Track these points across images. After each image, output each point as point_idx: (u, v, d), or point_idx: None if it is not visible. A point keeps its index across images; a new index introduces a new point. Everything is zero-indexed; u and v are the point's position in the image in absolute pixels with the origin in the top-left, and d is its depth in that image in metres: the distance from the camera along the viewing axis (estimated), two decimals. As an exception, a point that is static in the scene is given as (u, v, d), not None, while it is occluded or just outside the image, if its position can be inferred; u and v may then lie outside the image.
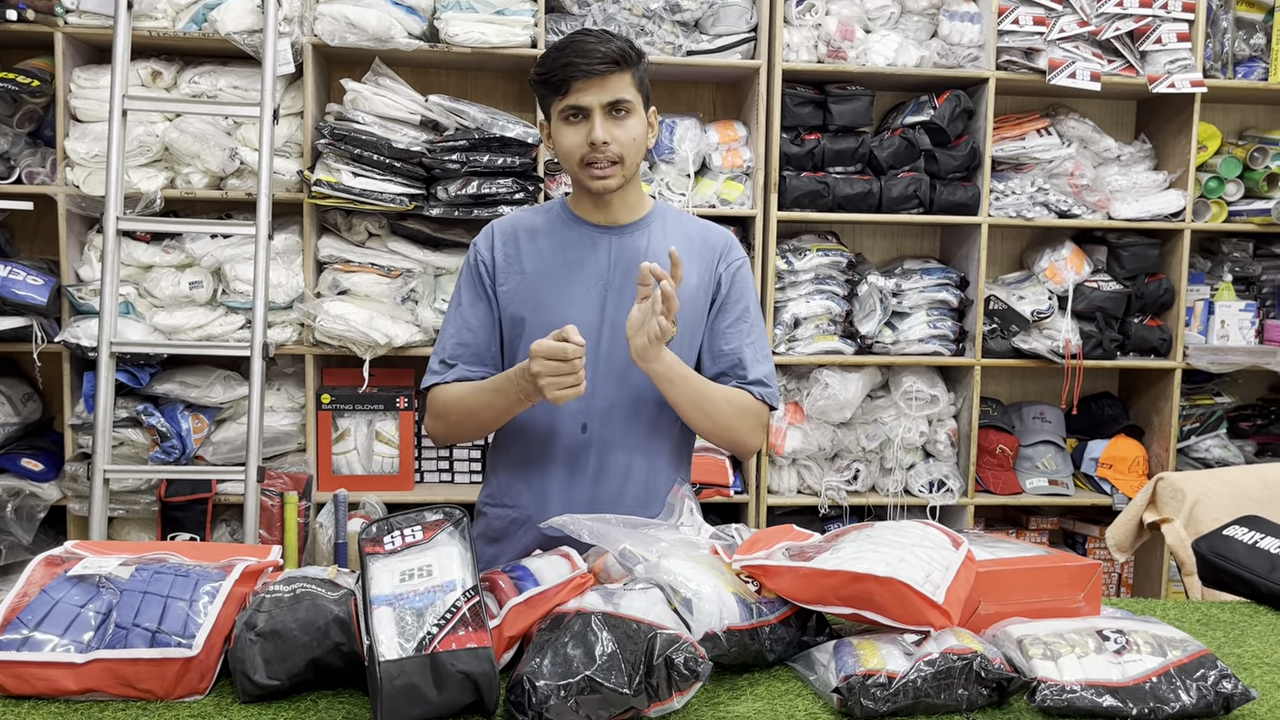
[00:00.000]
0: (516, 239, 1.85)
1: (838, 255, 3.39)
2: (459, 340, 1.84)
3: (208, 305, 3.09)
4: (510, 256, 1.84)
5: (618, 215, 1.84)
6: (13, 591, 1.32)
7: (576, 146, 1.73)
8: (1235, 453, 3.66)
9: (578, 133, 1.73)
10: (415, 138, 3.05)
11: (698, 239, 1.87)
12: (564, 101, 1.72)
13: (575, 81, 1.70)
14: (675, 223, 1.89)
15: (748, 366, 1.84)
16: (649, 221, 1.86)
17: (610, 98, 1.71)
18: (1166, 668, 1.29)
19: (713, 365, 1.86)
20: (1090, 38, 3.41)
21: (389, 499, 3.17)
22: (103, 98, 2.97)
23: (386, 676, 1.16)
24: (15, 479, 3.01)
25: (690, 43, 3.26)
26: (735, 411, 1.81)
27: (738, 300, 1.87)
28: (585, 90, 1.70)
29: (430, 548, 1.32)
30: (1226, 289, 3.63)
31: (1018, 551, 1.59)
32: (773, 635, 1.38)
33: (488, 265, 1.85)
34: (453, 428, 1.85)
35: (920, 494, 3.43)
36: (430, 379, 1.85)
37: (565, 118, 1.74)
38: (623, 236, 1.83)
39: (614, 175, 1.75)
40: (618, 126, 1.73)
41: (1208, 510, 2.36)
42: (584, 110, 1.72)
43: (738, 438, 1.84)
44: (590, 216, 1.85)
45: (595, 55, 1.69)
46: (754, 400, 1.83)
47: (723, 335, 1.86)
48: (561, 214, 1.87)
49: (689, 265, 1.83)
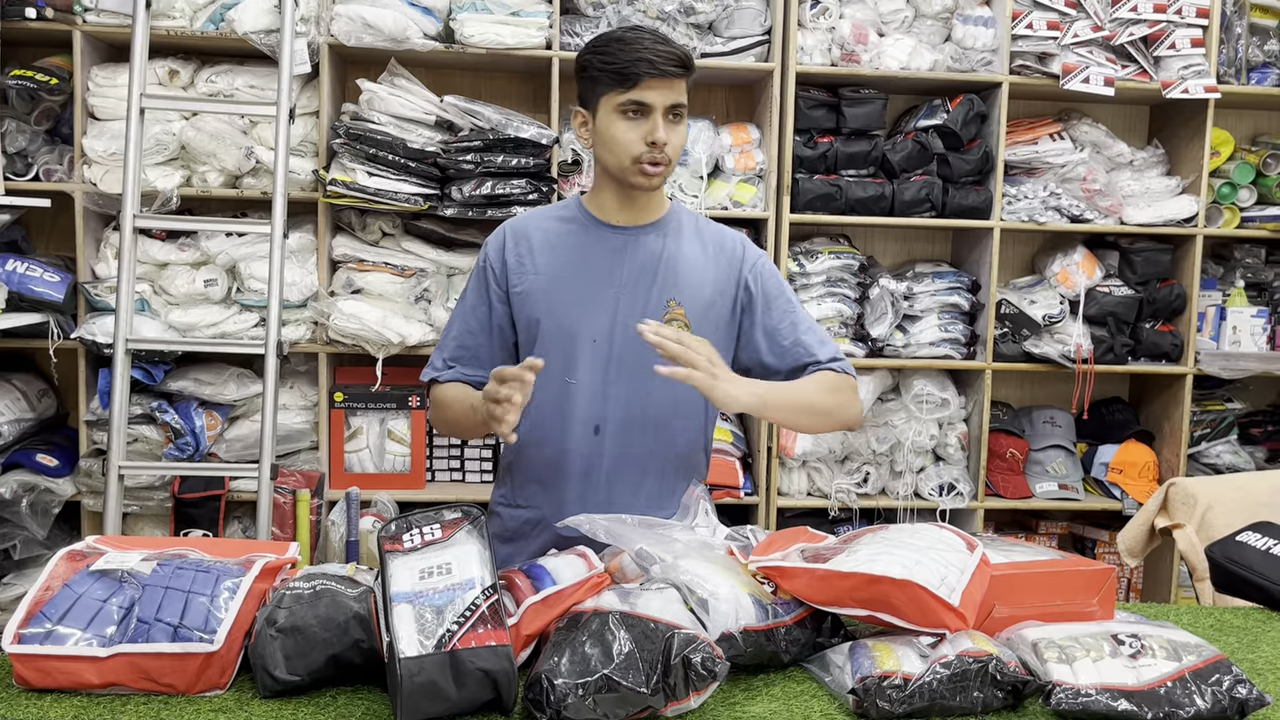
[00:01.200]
0: (530, 240, 1.85)
1: (850, 258, 3.39)
2: (460, 342, 1.87)
3: (222, 303, 3.10)
4: (523, 258, 1.84)
5: (638, 215, 1.84)
6: (36, 585, 1.33)
7: (634, 142, 1.73)
8: (1246, 459, 3.66)
9: (636, 129, 1.73)
10: (430, 138, 3.06)
11: (712, 244, 1.88)
12: (628, 95, 1.71)
13: (647, 78, 1.69)
14: (690, 226, 1.89)
15: (815, 350, 1.86)
16: (666, 223, 1.86)
17: (674, 100, 1.73)
18: (1182, 672, 1.29)
19: (781, 360, 1.87)
20: (1104, 43, 3.41)
21: (401, 497, 3.18)
22: (120, 96, 2.99)
23: (406, 673, 1.17)
24: (30, 474, 3.03)
25: (704, 45, 3.27)
26: (832, 396, 1.83)
27: (777, 294, 1.88)
28: (654, 89, 1.70)
29: (449, 546, 1.33)
30: (1239, 295, 3.63)
31: (1032, 555, 1.59)
32: (788, 636, 1.39)
33: (496, 268, 1.85)
34: (445, 424, 1.90)
35: (930, 497, 3.43)
36: (429, 373, 1.89)
37: (625, 111, 1.73)
38: (638, 238, 1.84)
39: (659, 176, 1.76)
40: (673, 130, 1.74)
41: (1220, 516, 2.36)
42: (647, 108, 1.72)
43: (843, 416, 1.87)
44: (610, 217, 1.84)
45: (667, 56, 1.70)
46: (838, 375, 1.85)
47: (779, 332, 1.87)
48: (578, 214, 1.87)
49: (704, 270, 1.84)
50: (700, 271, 1.84)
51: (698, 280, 1.83)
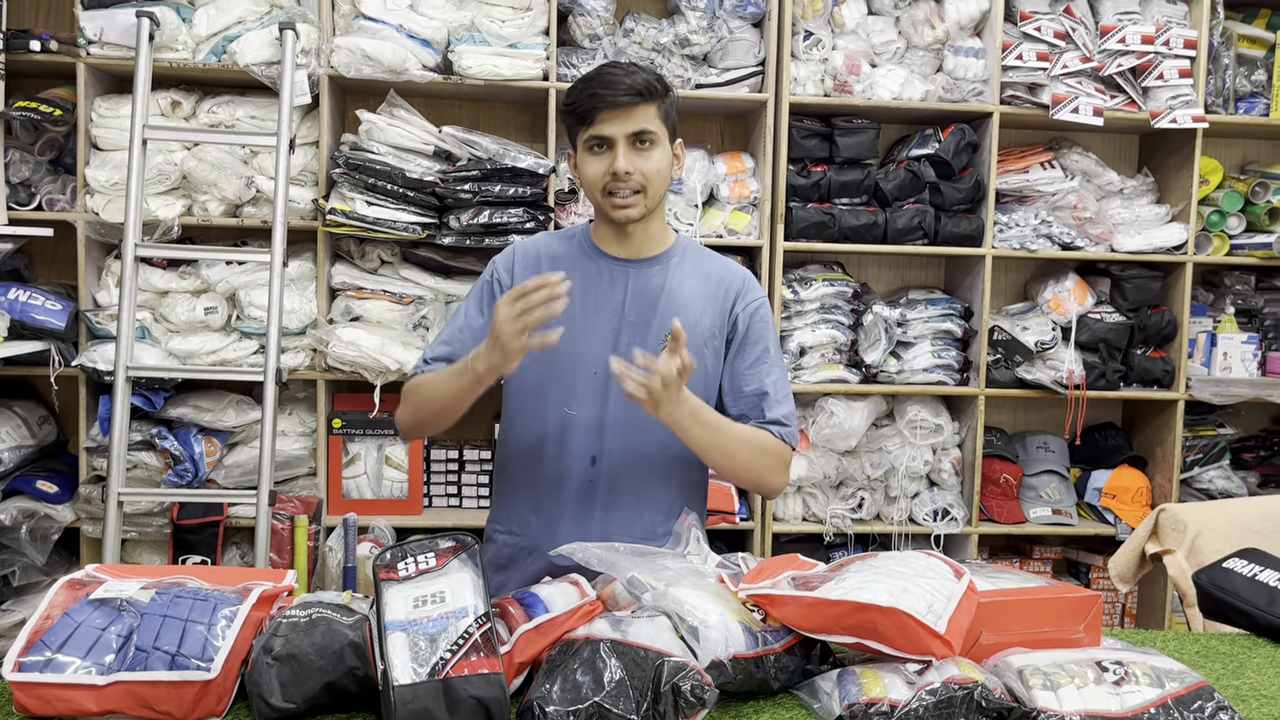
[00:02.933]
0: (539, 265, 1.85)
1: (843, 285, 3.43)
2: (450, 348, 1.84)
3: (222, 330, 3.13)
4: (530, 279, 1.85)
5: (639, 248, 1.86)
6: (36, 614, 1.35)
7: (599, 176, 1.76)
8: (1238, 484, 3.68)
9: (600, 162, 1.76)
10: (428, 168, 3.10)
11: (714, 277, 1.88)
12: (589, 131, 1.75)
13: (600, 112, 1.73)
14: (695, 260, 1.89)
15: (768, 407, 1.85)
16: (669, 257, 1.87)
17: (634, 128, 1.74)
18: (1164, 699, 1.31)
19: (734, 405, 1.87)
20: (1093, 73, 3.46)
21: (398, 523, 3.20)
22: (123, 127, 3.03)
23: (400, 701, 1.19)
24: (30, 501, 3.05)
25: (699, 76, 3.31)
26: (755, 454, 1.82)
27: (757, 341, 1.88)
28: (609, 121, 1.73)
29: (443, 574, 1.35)
30: (1229, 321, 3.66)
31: (1019, 582, 1.61)
32: (777, 663, 1.41)
33: (504, 285, 1.86)
34: (413, 412, 1.84)
35: (924, 523, 3.45)
36: (412, 373, 1.86)
37: (590, 147, 1.77)
38: (641, 271, 1.85)
39: (636, 205, 1.77)
40: (641, 157, 1.75)
41: (1209, 542, 2.38)
42: (607, 140, 1.75)
43: (760, 479, 1.86)
44: (611, 249, 1.86)
45: (620, 87, 1.72)
46: (774, 440, 1.84)
47: (743, 376, 1.87)
48: (583, 244, 1.88)
49: (704, 304, 1.85)
50: (700, 305, 1.85)
51: (697, 314, 1.84)
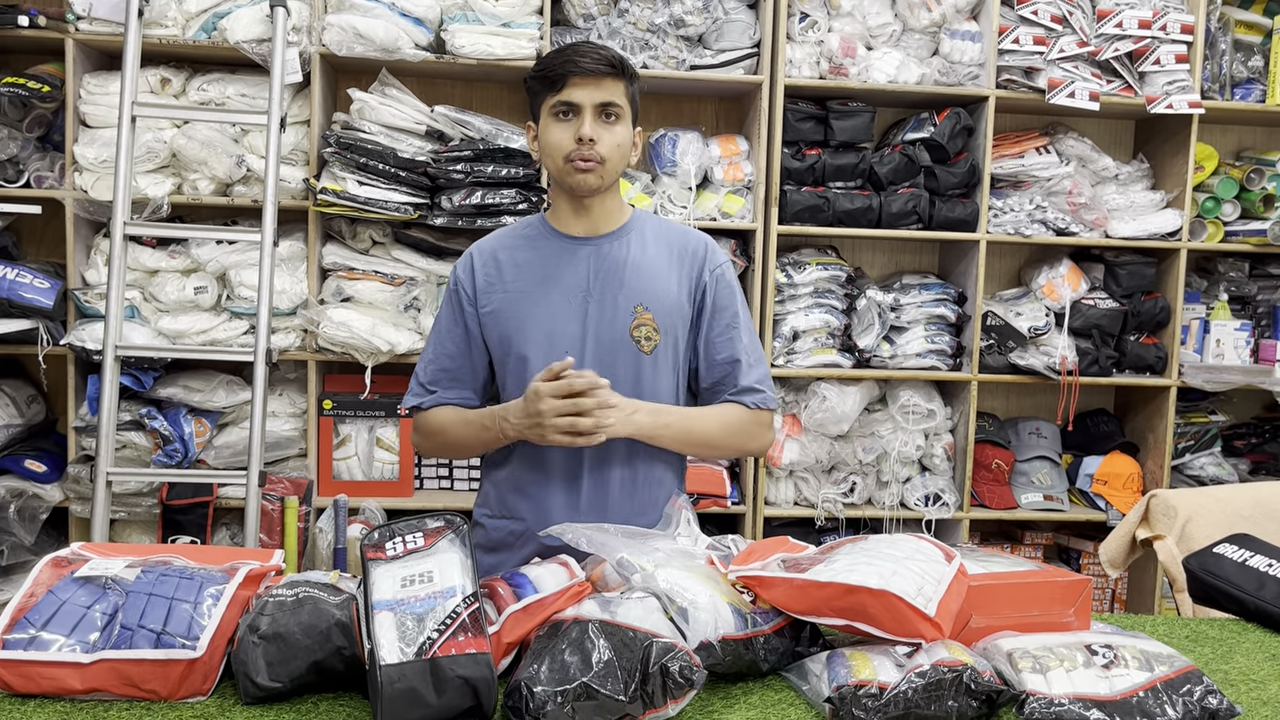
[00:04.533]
0: (496, 259, 1.88)
1: (837, 269, 3.42)
2: (438, 366, 1.90)
3: (212, 310, 3.11)
4: (491, 277, 1.87)
5: (597, 224, 1.86)
6: (20, 592, 1.35)
7: (564, 141, 1.77)
8: (1230, 471, 3.69)
9: (566, 129, 1.77)
10: (420, 147, 3.08)
11: (677, 245, 1.90)
12: (557, 97, 1.76)
13: (572, 78, 1.74)
14: (654, 230, 1.91)
15: (740, 374, 1.88)
16: (628, 230, 1.88)
17: (603, 99, 1.76)
18: (1153, 682, 1.31)
19: (708, 374, 1.89)
20: (1090, 58, 3.44)
21: (389, 505, 3.19)
22: (112, 104, 3.00)
23: (387, 680, 1.18)
24: (18, 480, 3.04)
25: (694, 57, 3.29)
26: (730, 432, 1.86)
27: (725, 306, 1.89)
28: (580, 88, 1.75)
29: (431, 554, 1.34)
30: (1222, 308, 3.66)
31: (1010, 566, 1.61)
32: (767, 645, 1.40)
33: (467, 290, 1.88)
34: (438, 449, 1.94)
35: (916, 508, 3.45)
36: (411, 399, 1.92)
37: (556, 114, 1.77)
38: (601, 246, 1.86)
39: (595, 173, 1.78)
40: (605, 129, 1.77)
41: (1200, 528, 2.38)
42: (575, 107, 1.76)
43: (744, 449, 1.93)
44: (569, 228, 1.87)
45: (593, 56, 1.75)
46: (748, 411, 1.87)
47: (714, 345, 1.88)
48: (541, 229, 1.90)
49: (669, 273, 1.86)
50: (665, 275, 1.86)
51: (663, 283, 1.85)
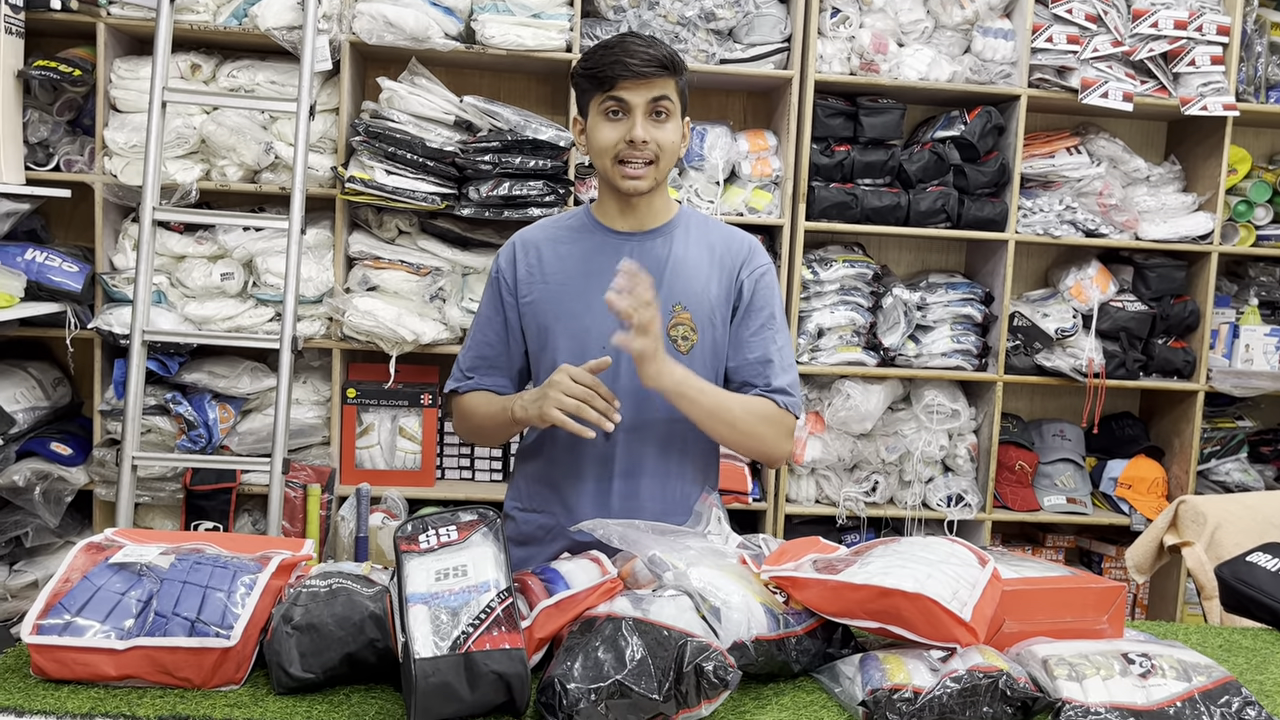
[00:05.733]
0: (539, 250, 1.87)
1: (864, 267, 3.40)
2: (478, 353, 1.92)
3: (238, 297, 3.12)
4: (533, 268, 1.86)
5: (643, 220, 1.85)
6: (55, 577, 1.35)
7: (614, 143, 1.75)
8: (1255, 477, 3.65)
9: (616, 129, 1.75)
10: (448, 138, 3.07)
11: (720, 246, 1.88)
12: (608, 94, 1.74)
13: (622, 79, 1.72)
14: (699, 229, 1.89)
15: (772, 375, 1.84)
16: (673, 228, 1.87)
17: (654, 95, 1.74)
18: (1191, 693, 1.29)
19: (738, 372, 1.86)
20: (1124, 58, 3.41)
21: (410, 494, 3.19)
22: (142, 89, 3.01)
23: (421, 674, 1.18)
24: (44, 462, 3.05)
25: (724, 51, 3.27)
26: (757, 420, 1.81)
27: (762, 307, 1.86)
28: (631, 88, 1.73)
29: (465, 548, 1.34)
30: (1252, 313, 3.62)
31: (1042, 571, 1.60)
32: (799, 646, 1.40)
33: (508, 280, 1.88)
34: (469, 433, 1.97)
35: (938, 508, 3.43)
36: (451, 383, 1.94)
37: (606, 112, 1.75)
38: (644, 243, 1.84)
39: (647, 176, 1.77)
40: (657, 128, 1.75)
41: (1229, 535, 2.36)
42: (626, 106, 1.74)
43: (763, 447, 1.85)
44: (614, 223, 1.85)
45: (644, 56, 1.72)
46: (777, 408, 1.83)
47: (747, 344, 1.86)
48: (586, 221, 1.88)
49: (710, 273, 1.85)
50: (704, 275, 1.85)
51: (702, 283, 1.84)
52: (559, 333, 1.82)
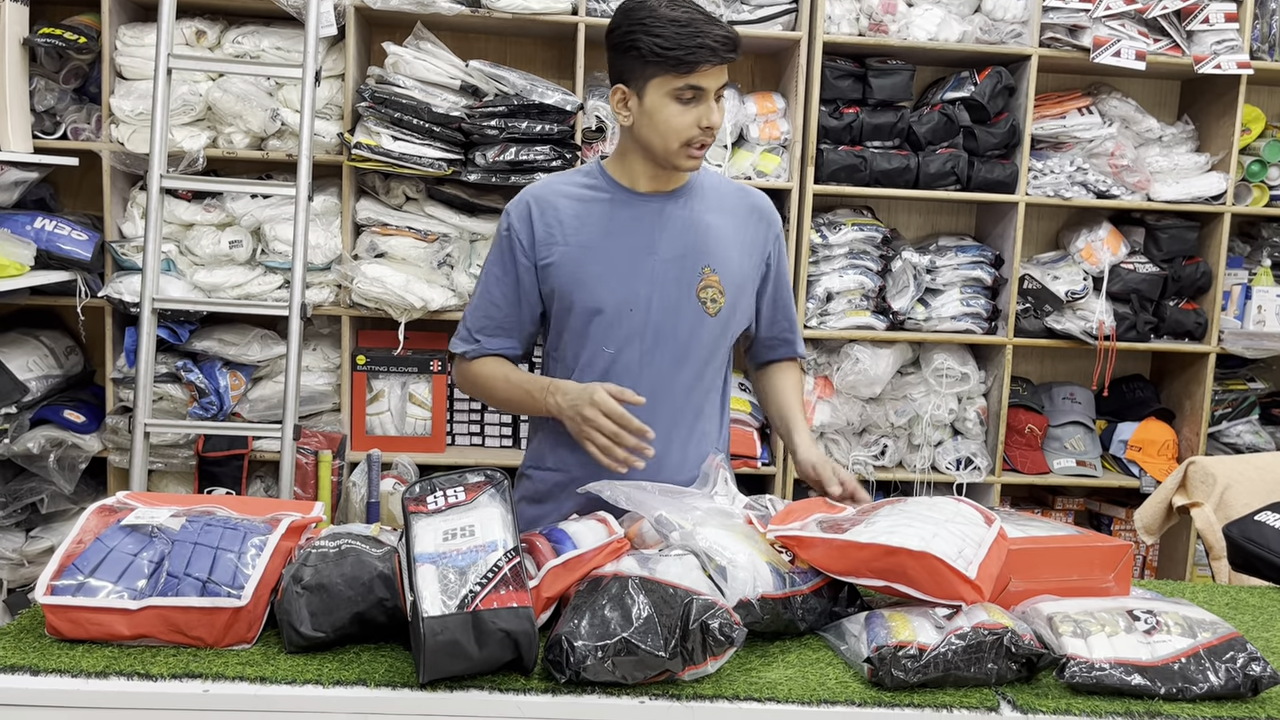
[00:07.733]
0: (556, 209, 1.82)
1: (873, 230, 3.38)
2: (485, 314, 1.87)
3: (247, 264, 3.12)
4: (551, 228, 1.81)
5: (665, 183, 1.84)
6: (68, 538, 1.36)
7: (687, 126, 1.72)
8: (1267, 439, 3.64)
9: (689, 113, 1.71)
10: (455, 103, 3.06)
11: (743, 207, 1.91)
12: (685, 80, 1.68)
13: (705, 65, 1.68)
14: (714, 189, 1.90)
15: (796, 338, 2.03)
16: (691, 188, 1.86)
17: (723, 81, 1.74)
18: (1196, 649, 1.30)
19: (767, 330, 1.99)
20: (1137, 16, 3.36)
21: (421, 460, 3.21)
22: (148, 56, 3.00)
23: (430, 632, 1.19)
24: (57, 430, 3.07)
25: (731, 12, 3.24)
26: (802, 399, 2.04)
27: (784, 271, 1.99)
28: (710, 74, 1.70)
29: (472, 508, 1.35)
30: (1265, 274, 3.60)
31: (1049, 530, 1.60)
32: (805, 605, 1.41)
33: (523, 239, 1.82)
34: (478, 396, 1.96)
35: (947, 471, 3.44)
36: (458, 345, 1.90)
37: (678, 96, 1.70)
38: (667, 204, 1.83)
39: (702, 157, 1.79)
40: (718, 111, 1.75)
41: (1238, 495, 2.36)
42: (703, 92, 1.71)
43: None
44: (635, 184, 1.83)
45: (725, 42, 1.68)
46: (801, 372, 2.07)
47: (780, 308, 1.99)
48: (601, 181, 1.84)
49: (739, 235, 1.87)
50: (732, 236, 1.86)
51: (729, 245, 1.85)
52: (585, 296, 1.79)
